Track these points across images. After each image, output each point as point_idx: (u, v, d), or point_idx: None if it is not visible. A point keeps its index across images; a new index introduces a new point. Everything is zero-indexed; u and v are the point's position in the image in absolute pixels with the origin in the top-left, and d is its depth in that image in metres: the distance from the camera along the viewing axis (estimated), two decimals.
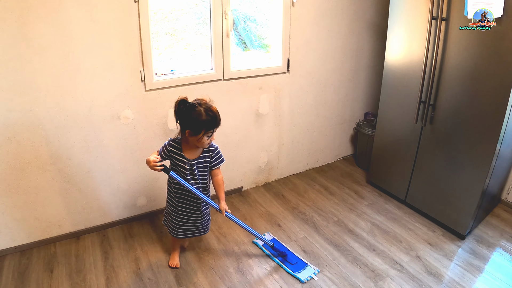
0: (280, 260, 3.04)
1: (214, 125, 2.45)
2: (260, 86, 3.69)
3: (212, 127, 2.45)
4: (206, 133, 2.44)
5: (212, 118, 2.43)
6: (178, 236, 2.86)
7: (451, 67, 3.04)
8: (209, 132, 2.45)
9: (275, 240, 3.27)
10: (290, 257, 3.05)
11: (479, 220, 3.46)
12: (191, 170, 2.61)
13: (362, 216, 3.64)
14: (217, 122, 2.46)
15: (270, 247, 3.09)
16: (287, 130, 4.10)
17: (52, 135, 2.85)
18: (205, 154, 2.63)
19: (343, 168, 4.61)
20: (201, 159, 2.62)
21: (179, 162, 2.59)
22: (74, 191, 3.11)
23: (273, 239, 3.28)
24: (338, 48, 4.07)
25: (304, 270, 2.93)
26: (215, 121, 2.45)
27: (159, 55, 3.35)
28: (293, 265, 2.98)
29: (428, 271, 2.95)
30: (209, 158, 2.65)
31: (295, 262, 3.01)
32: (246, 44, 3.88)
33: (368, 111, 4.67)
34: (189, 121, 2.42)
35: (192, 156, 2.59)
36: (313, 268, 2.95)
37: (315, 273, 2.91)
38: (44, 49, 2.61)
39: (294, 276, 2.88)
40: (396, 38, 3.44)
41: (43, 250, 3.10)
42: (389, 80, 3.61)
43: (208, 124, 2.42)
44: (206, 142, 2.49)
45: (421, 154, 3.47)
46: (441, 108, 3.19)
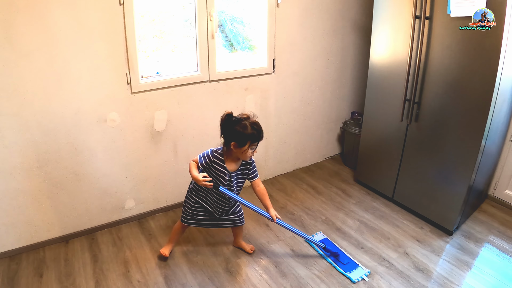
0: (332, 260, 3.06)
1: (258, 138, 2.58)
2: (246, 87, 3.71)
3: (257, 140, 2.58)
4: (251, 146, 2.57)
5: (257, 131, 2.56)
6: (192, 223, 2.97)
7: (435, 65, 3.08)
8: (253, 145, 2.58)
9: (327, 239, 3.29)
10: (342, 257, 3.07)
11: (466, 216, 3.51)
12: (229, 181, 2.74)
13: (349, 214, 3.66)
14: (261, 135, 2.60)
15: (322, 248, 3.12)
16: (274, 130, 4.11)
17: (39, 138, 2.84)
18: (243, 167, 2.78)
19: (331, 167, 4.64)
20: (239, 171, 2.77)
21: (220, 173, 2.70)
22: (62, 194, 3.10)
23: (325, 239, 3.30)
24: (323, 48, 4.11)
25: (355, 270, 2.95)
26: (260, 134, 2.58)
27: (147, 58, 3.35)
28: (344, 265, 3.00)
29: (416, 267, 2.97)
30: (246, 171, 2.80)
31: (347, 262, 3.03)
32: (233, 46, 3.90)
33: (355, 110, 4.70)
34: (235, 134, 2.55)
35: (233, 168, 2.73)
36: (364, 269, 2.95)
37: (366, 274, 2.91)
38: (31, 52, 2.60)
39: (346, 276, 2.90)
40: (380, 37, 3.48)
41: (32, 255, 3.08)
42: (374, 79, 3.65)
43: (253, 137, 2.55)
44: (250, 155, 2.62)
45: (407, 152, 3.51)
46: (426, 105, 3.23)
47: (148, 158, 3.36)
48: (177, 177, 3.62)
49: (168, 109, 3.32)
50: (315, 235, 3.37)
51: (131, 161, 3.30)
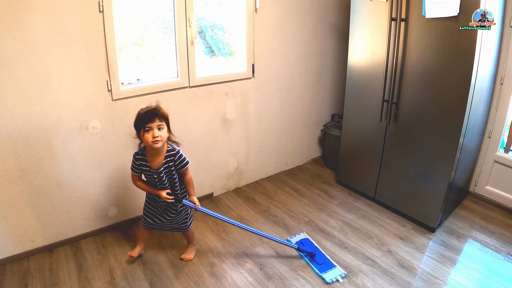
0: (308, 259, 3.09)
1: (147, 119, 2.51)
2: (226, 92, 3.73)
3: (146, 121, 2.51)
4: (145, 129, 2.53)
5: (143, 113, 2.54)
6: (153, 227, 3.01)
7: (412, 66, 3.15)
8: (147, 127, 2.52)
9: (307, 240, 3.32)
10: (318, 257, 3.09)
11: (448, 212, 3.58)
12: (159, 177, 2.69)
13: (332, 215, 3.70)
14: (148, 116, 2.52)
15: (296, 248, 3.13)
16: (255, 134, 4.14)
17: (21, 147, 2.82)
18: (167, 159, 2.70)
19: (313, 170, 4.68)
20: (165, 165, 2.69)
21: (148, 173, 2.70)
22: (45, 204, 3.07)
23: (305, 239, 3.33)
24: (302, 51, 4.16)
25: (330, 271, 2.97)
26: (146, 113, 2.53)
27: (127, 66, 3.35)
28: (320, 265, 3.02)
29: (400, 264, 3.02)
30: (172, 163, 2.72)
31: (322, 262, 3.05)
32: (214, 52, 3.91)
33: (335, 113, 4.76)
34: (134, 125, 2.60)
35: (157, 164, 2.68)
36: (340, 271, 2.97)
37: (342, 275, 2.92)
38: (10, 61, 2.59)
39: (320, 276, 2.92)
40: (358, 40, 3.54)
41: (16, 265, 3.05)
42: (353, 81, 3.71)
43: (142, 120, 2.53)
44: (149, 139, 2.53)
45: (387, 152, 3.57)
46: (404, 105, 3.29)
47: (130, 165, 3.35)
48: None
49: None
50: (297, 235, 3.40)
51: (113, 168, 3.29)
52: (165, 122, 2.60)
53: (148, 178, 2.73)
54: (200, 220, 3.63)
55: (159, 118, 2.55)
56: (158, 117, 2.54)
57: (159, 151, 2.65)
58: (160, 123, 2.55)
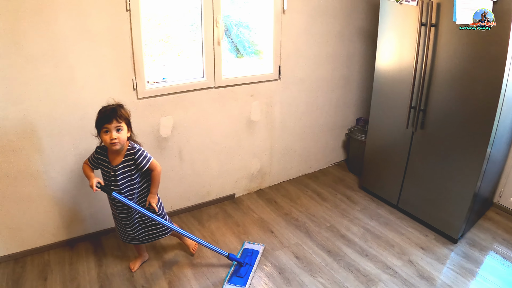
0: (232, 267, 3.05)
1: (104, 120, 2.40)
2: (251, 93, 3.71)
3: (103, 122, 2.40)
4: (103, 129, 2.42)
5: (102, 112, 2.44)
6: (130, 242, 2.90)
7: (440, 72, 3.08)
8: (104, 128, 2.41)
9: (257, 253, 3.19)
10: (242, 270, 2.99)
11: (471, 223, 3.49)
12: (114, 176, 2.55)
13: (354, 221, 3.65)
14: (107, 115, 2.41)
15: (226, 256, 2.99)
16: (279, 136, 4.12)
17: (45, 143, 2.87)
18: (127, 158, 2.57)
19: (336, 174, 4.64)
20: (124, 164, 2.57)
21: (106, 169, 2.59)
22: (68, 199, 3.11)
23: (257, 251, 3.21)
24: (329, 54, 4.11)
25: (235, 286, 2.86)
26: (103, 113, 2.43)
27: (153, 62, 3.37)
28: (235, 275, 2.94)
29: (420, 275, 2.96)
30: (132, 162, 2.58)
31: (240, 275, 2.94)
32: (239, 51, 3.91)
33: (360, 117, 4.70)
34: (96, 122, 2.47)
35: (117, 162, 2.56)
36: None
37: None
38: (36, 58, 2.63)
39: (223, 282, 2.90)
40: (386, 43, 3.48)
41: (37, 258, 3.09)
42: (380, 86, 3.64)
43: (99, 120, 2.42)
44: (107, 140, 2.42)
45: (412, 159, 3.50)
46: (432, 113, 3.22)
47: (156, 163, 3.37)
48: (182, 182, 3.63)
49: (174, 115, 3.33)
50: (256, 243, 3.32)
51: None
52: (124, 123, 2.48)
53: (104, 175, 2.61)
54: (221, 221, 3.64)
55: (118, 119, 2.43)
56: (116, 118, 2.42)
57: (119, 150, 2.53)
58: (119, 124, 2.43)
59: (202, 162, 3.65)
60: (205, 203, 3.85)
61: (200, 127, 3.52)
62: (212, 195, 3.91)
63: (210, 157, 3.70)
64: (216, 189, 3.91)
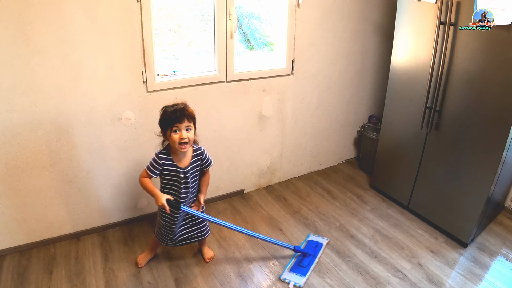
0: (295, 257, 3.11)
1: (174, 120, 2.37)
2: (263, 88, 3.65)
3: (174, 121, 2.37)
4: (173, 129, 2.38)
5: (171, 111, 2.39)
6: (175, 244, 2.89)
7: (458, 73, 3.00)
8: (174, 127, 2.37)
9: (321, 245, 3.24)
10: (305, 260, 3.04)
11: (482, 227, 3.42)
12: (185, 178, 2.56)
13: (364, 221, 3.60)
14: (177, 116, 2.37)
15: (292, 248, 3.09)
16: (290, 132, 4.06)
17: (53, 136, 2.83)
18: (195, 159, 2.60)
19: (346, 172, 4.58)
20: (193, 164, 2.58)
21: (173, 173, 2.54)
22: (74, 192, 3.09)
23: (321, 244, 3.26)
24: (344, 50, 4.03)
25: (295, 274, 2.92)
26: (174, 113, 2.37)
27: (163, 52, 3.32)
28: (298, 265, 3.00)
29: (429, 279, 2.91)
30: (199, 162, 2.63)
31: (302, 265, 3.00)
32: (250, 42, 3.85)
33: (373, 114, 4.63)
34: (159, 122, 2.45)
35: (185, 163, 2.55)
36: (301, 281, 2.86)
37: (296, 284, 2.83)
38: (44, 49, 2.58)
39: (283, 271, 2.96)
40: (402, 41, 3.39)
41: (42, 251, 3.08)
42: (395, 84, 3.56)
43: (169, 119, 2.38)
44: (176, 140, 2.38)
45: (425, 160, 3.43)
46: (447, 114, 3.14)
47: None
48: None
49: None
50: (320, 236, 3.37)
51: (145, 160, 3.25)
52: (193, 123, 2.46)
53: (172, 179, 2.57)
54: (230, 217, 3.61)
55: (188, 119, 2.40)
56: (187, 117, 2.40)
57: (185, 152, 2.51)
58: (189, 124, 2.42)
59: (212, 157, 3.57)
60: (213, 198, 3.81)
61: (210, 122, 3.47)
62: (221, 190, 3.87)
63: (220, 152, 3.66)
64: (225, 184, 3.87)
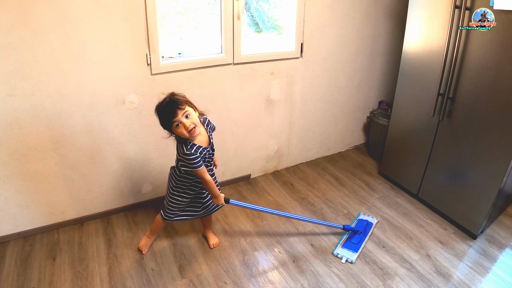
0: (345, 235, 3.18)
1: (169, 116, 2.27)
2: (271, 71, 3.56)
3: (169, 118, 2.27)
4: (174, 126, 2.30)
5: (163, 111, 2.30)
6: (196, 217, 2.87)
7: (473, 59, 2.89)
8: (174, 123, 2.28)
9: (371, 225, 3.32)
10: (356, 237, 3.13)
11: (492, 219, 3.34)
12: (213, 152, 2.58)
13: (372, 209, 3.54)
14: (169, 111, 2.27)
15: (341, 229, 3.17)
16: (298, 117, 3.98)
17: (55, 120, 2.77)
18: (209, 131, 2.55)
19: (355, 158, 4.51)
20: (211, 139, 2.55)
21: (206, 156, 2.50)
22: (78, 177, 3.05)
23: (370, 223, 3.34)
24: (354, 33, 3.92)
25: (347, 250, 3.02)
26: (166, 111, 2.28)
27: (170, 35, 3.24)
28: (350, 241, 3.09)
29: (438, 271, 2.85)
30: (211, 131, 2.58)
31: (354, 242, 3.09)
32: (258, 25, 3.75)
33: (383, 100, 4.53)
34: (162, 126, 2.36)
35: (207, 142, 2.50)
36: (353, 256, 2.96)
37: (348, 259, 2.92)
38: (45, 31, 2.50)
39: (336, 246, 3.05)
40: (416, 25, 3.28)
41: (46, 237, 3.06)
42: (407, 70, 3.46)
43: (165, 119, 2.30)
44: (185, 133, 2.29)
45: (436, 148, 3.34)
46: (461, 102, 3.04)
47: (166, 142, 3.23)
48: None
49: (189, 92, 3.17)
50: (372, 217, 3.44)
51: (149, 144, 3.21)
52: (187, 106, 2.32)
53: (206, 158, 2.49)
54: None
55: (180, 107, 2.27)
56: (178, 106, 2.27)
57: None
58: (184, 110, 2.28)
59: (218, 141, 3.54)
60: (220, 183, 3.75)
61: (216, 106, 3.39)
62: (227, 175, 3.82)
63: (227, 137, 3.59)
64: (232, 169, 3.82)
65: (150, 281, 2.70)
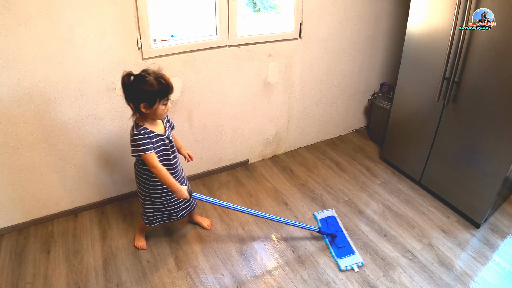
0: (328, 241, 2.96)
1: (168, 92, 2.26)
2: (269, 53, 3.44)
3: (166, 94, 2.26)
4: (162, 102, 2.25)
5: (165, 85, 2.24)
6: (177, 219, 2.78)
7: (481, 42, 2.76)
8: (164, 100, 2.26)
9: (334, 218, 3.18)
10: (338, 240, 2.93)
11: (495, 208, 3.28)
12: (170, 143, 2.45)
13: (373, 196, 3.47)
14: (170, 88, 2.27)
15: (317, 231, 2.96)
16: (297, 100, 3.88)
17: (43, 110, 2.67)
18: (166, 124, 2.49)
19: (355, 142, 4.42)
20: (168, 128, 2.47)
21: (160, 143, 2.38)
22: (70, 167, 2.97)
23: (332, 217, 3.19)
24: (355, 13, 3.77)
25: (347, 257, 2.82)
26: (168, 87, 2.26)
27: (167, 16, 3.13)
28: (339, 248, 2.88)
29: (440, 261, 2.80)
30: (168, 124, 2.52)
31: (342, 246, 2.89)
32: (256, 4, 3.63)
33: (384, 82, 4.41)
34: (142, 94, 2.21)
35: (162, 130, 2.42)
36: (358, 258, 2.80)
37: (358, 264, 2.76)
38: (30, 18, 2.37)
39: (335, 261, 2.78)
40: (420, 4, 3.14)
41: (40, 229, 3.01)
42: (410, 51, 3.34)
43: (162, 92, 2.23)
44: (164, 112, 2.30)
45: (440, 134, 3.24)
46: (467, 86, 2.93)
47: None
48: (192, 148, 3.45)
49: (183, 76, 3.10)
50: (325, 210, 3.26)
51: None
52: None
53: (160, 149, 2.39)
54: (233, 190, 3.51)
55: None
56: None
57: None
58: None
59: (214, 126, 3.45)
60: (216, 169, 3.69)
61: (212, 90, 3.29)
62: (224, 161, 3.74)
63: (223, 121, 3.50)
64: (229, 155, 3.74)
65: (146, 274, 2.65)
